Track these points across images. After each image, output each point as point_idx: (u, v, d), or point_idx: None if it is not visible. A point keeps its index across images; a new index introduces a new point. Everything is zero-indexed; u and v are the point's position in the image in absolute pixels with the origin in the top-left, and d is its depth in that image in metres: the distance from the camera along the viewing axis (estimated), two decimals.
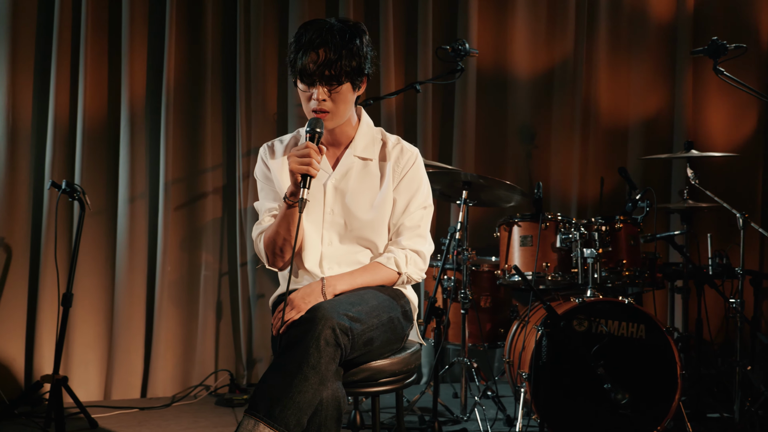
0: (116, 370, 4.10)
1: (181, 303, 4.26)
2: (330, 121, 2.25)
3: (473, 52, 3.80)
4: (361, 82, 2.28)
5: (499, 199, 3.81)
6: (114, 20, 4.14)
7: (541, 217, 3.57)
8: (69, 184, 3.47)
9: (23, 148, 4.00)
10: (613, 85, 4.82)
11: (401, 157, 2.37)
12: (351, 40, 2.20)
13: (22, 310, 4.00)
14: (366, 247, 2.35)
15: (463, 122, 4.56)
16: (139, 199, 4.15)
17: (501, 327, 3.89)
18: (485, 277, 3.87)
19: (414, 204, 2.35)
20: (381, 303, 2.17)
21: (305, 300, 2.16)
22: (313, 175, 2.14)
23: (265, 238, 2.31)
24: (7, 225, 3.95)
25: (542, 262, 3.57)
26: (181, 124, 4.23)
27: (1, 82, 3.93)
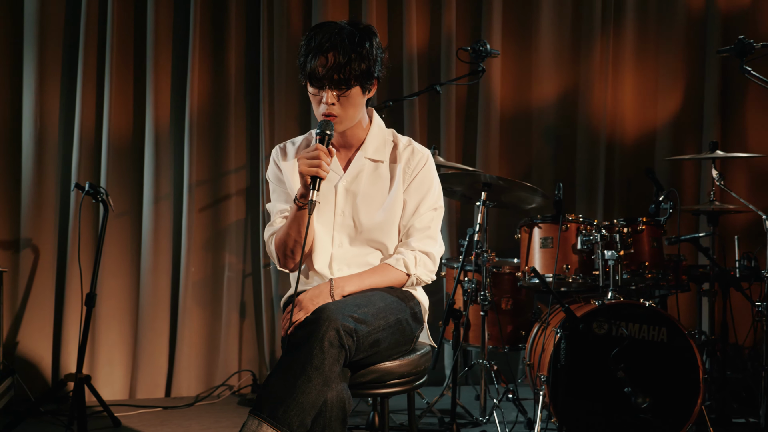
0: (141, 370, 4.16)
1: (205, 303, 4.31)
2: (339, 125, 2.26)
3: (494, 53, 3.79)
4: (371, 85, 2.28)
5: (520, 200, 3.78)
6: (139, 23, 4.20)
7: (562, 218, 3.53)
8: (92, 186, 3.52)
9: (51, 151, 4.08)
10: (639, 84, 4.75)
11: (412, 159, 2.37)
12: (361, 44, 2.21)
13: (50, 309, 4.07)
14: (376, 249, 2.35)
15: (487, 123, 4.54)
16: (164, 200, 4.20)
17: (522, 329, 3.86)
18: (506, 279, 3.84)
19: (424, 205, 2.35)
20: (388, 305, 2.17)
21: (313, 301, 2.17)
22: (323, 177, 2.15)
23: (276, 240, 2.32)
24: (35, 226, 4.03)
25: (562, 264, 3.54)
26: (204, 126, 4.27)
27: (30, 89, 4.01)
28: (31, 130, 4.02)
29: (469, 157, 4.61)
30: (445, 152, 4.48)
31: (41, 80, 4.04)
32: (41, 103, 4.04)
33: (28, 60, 4.01)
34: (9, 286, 4.01)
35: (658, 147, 4.74)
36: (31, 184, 4.02)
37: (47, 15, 4.05)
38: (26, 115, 4.02)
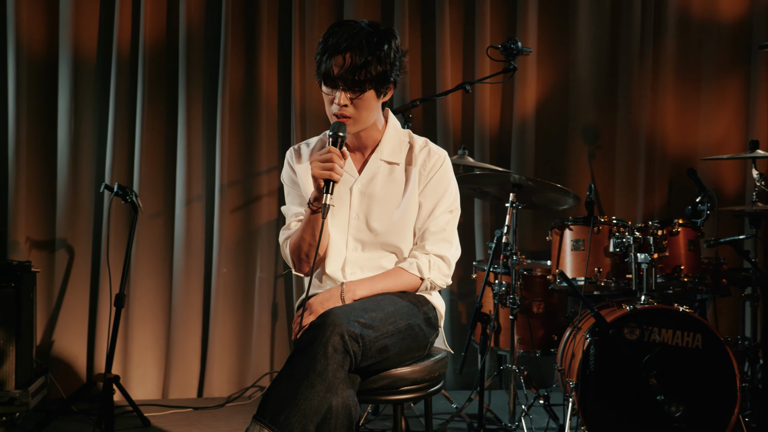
0: (173, 370, 4.19)
1: (237, 304, 4.32)
2: (352, 127, 2.22)
3: (526, 50, 3.70)
4: (386, 88, 2.24)
5: (551, 201, 3.69)
6: (172, 25, 4.23)
7: (593, 220, 3.43)
8: (121, 187, 3.55)
9: (85, 152, 4.13)
10: (681, 81, 4.60)
11: (428, 161, 2.32)
12: (379, 46, 2.16)
13: (84, 309, 4.13)
14: (391, 252, 2.30)
15: (523, 123, 4.45)
16: (196, 201, 4.23)
17: (554, 333, 3.76)
18: (538, 282, 3.76)
19: (440, 208, 2.30)
20: (399, 309, 2.12)
21: (323, 305, 2.14)
22: (336, 180, 2.12)
23: (291, 244, 2.30)
24: (69, 227, 4.09)
25: (594, 267, 3.44)
26: (236, 127, 4.28)
27: (65, 88, 4.07)
28: (66, 131, 4.08)
29: (503, 157, 4.53)
30: (479, 152, 4.40)
31: (76, 83, 4.10)
32: (76, 104, 4.10)
33: (64, 62, 4.07)
34: (44, 286, 4.07)
35: (701, 146, 4.58)
36: (66, 185, 4.08)
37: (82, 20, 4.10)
38: (62, 117, 4.08)
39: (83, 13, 4.12)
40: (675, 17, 4.58)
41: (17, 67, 4.00)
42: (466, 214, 4.48)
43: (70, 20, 4.06)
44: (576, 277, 3.47)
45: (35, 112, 4.10)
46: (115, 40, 4.10)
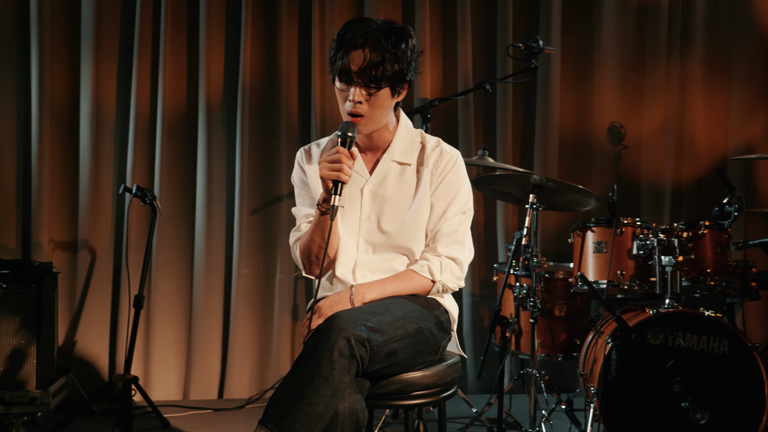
0: (194, 371, 4.19)
1: (257, 306, 4.30)
2: (364, 126, 2.18)
3: (548, 48, 3.65)
4: (401, 88, 2.20)
5: (573, 203, 3.62)
6: (192, 23, 4.24)
7: (616, 222, 3.35)
8: (140, 188, 3.56)
9: (107, 153, 4.15)
10: (710, 77, 4.49)
11: (440, 161, 2.27)
12: (396, 44, 2.13)
13: (106, 309, 4.15)
14: (402, 254, 2.26)
15: (546, 122, 4.38)
16: (216, 202, 4.22)
17: (577, 337, 3.69)
18: (560, 285, 3.69)
19: (452, 209, 2.25)
20: (408, 313, 2.07)
21: (332, 308, 2.10)
22: (344, 181, 2.08)
23: (301, 246, 2.27)
24: (91, 227, 4.11)
25: (617, 270, 3.36)
26: (256, 127, 4.27)
27: (86, 91, 4.10)
28: (88, 132, 4.10)
29: (527, 158, 4.46)
30: (501, 153, 4.34)
31: (98, 86, 4.12)
32: (98, 105, 4.12)
33: (86, 66, 4.09)
34: (66, 287, 4.10)
35: (732, 146, 4.47)
36: (88, 187, 4.10)
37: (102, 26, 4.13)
38: (83, 118, 4.11)
39: (105, 16, 4.14)
40: (704, 13, 4.48)
41: (39, 68, 4.02)
42: (488, 215, 4.42)
43: (93, 17, 4.07)
44: (598, 280, 3.39)
45: (58, 114, 4.12)
46: (135, 43, 4.11)
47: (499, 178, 3.54)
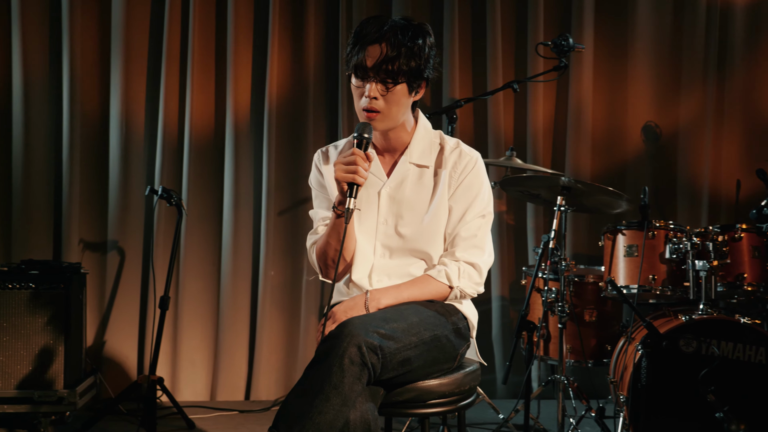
0: (221, 372, 4.19)
1: (284, 307, 4.29)
2: (380, 123, 2.13)
3: (578, 47, 3.56)
4: (418, 86, 2.15)
5: (604, 205, 3.53)
6: (220, 32, 4.24)
7: (647, 224, 3.25)
8: (165, 190, 3.56)
9: (136, 155, 4.17)
10: (752, 74, 4.34)
11: (458, 163, 2.21)
12: (412, 39, 2.08)
13: (135, 310, 4.17)
14: (420, 259, 2.21)
15: (578, 122, 4.27)
16: (243, 204, 4.22)
17: (608, 343, 3.59)
18: (590, 289, 3.59)
19: (471, 212, 2.19)
20: (423, 320, 2.02)
21: (347, 313, 2.06)
22: (359, 183, 2.04)
23: (317, 249, 2.24)
24: (120, 229, 4.14)
25: (648, 275, 3.26)
26: (283, 130, 4.26)
27: (116, 94, 4.12)
28: (117, 134, 4.13)
29: (558, 158, 4.37)
30: (531, 154, 4.25)
31: (127, 87, 4.14)
32: (127, 107, 4.15)
33: (116, 67, 4.12)
34: (96, 287, 4.13)
35: None
36: (118, 188, 4.13)
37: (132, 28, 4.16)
38: (113, 120, 4.14)
39: (135, 19, 4.16)
40: (744, 8, 4.33)
41: (71, 69, 4.06)
42: (518, 217, 4.34)
43: (122, 31, 4.10)
44: (629, 284, 3.30)
45: (88, 116, 4.16)
46: (164, 46, 4.12)
47: (527, 180, 3.47)
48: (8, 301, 3.48)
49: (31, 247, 4.08)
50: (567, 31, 4.18)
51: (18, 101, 4.08)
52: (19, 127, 4.08)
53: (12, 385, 3.45)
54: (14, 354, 3.47)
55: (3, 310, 3.47)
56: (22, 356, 3.48)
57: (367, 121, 2.12)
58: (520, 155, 4.11)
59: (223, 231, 4.21)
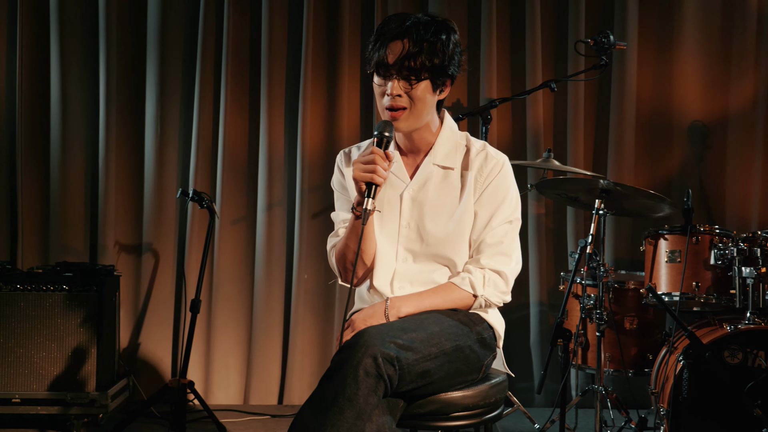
0: (254, 376, 4.16)
1: (318, 311, 4.24)
2: (404, 122, 2.06)
3: (620, 44, 3.44)
4: (443, 84, 2.07)
5: (646, 208, 3.39)
6: (254, 35, 4.21)
7: (691, 229, 3.11)
8: (197, 192, 3.54)
9: (171, 157, 4.18)
10: None
11: (485, 166, 2.12)
12: (436, 35, 2.01)
13: (169, 312, 4.17)
14: (444, 265, 2.13)
15: (620, 123, 4.11)
16: (277, 206, 4.18)
17: (649, 352, 3.45)
18: (630, 296, 3.45)
19: (498, 218, 2.10)
20: (445, 329, 1.94)
21: (366, 321, 1.99)
22: (378, 183, 1.97)
23: (336, 252, 2.17)
24: (155, 231, 4.14)
25: (692, 282, 3.12)
26: (317, 131, 4.20)
27: (152, 95, 4.13)
28: (152, 136, 4.14)
29: (599, 160, 4.22)
30: (572, 156, 4.12)
31: (162, 91, 4.15)
32: (162, 110, 4.15)
33: (151, 71, 4.13)
34: (130, 289, 4.14)
35: None
36: (152, 190, 4.13)
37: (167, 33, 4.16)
38: (149, 122, 4.14)
39: (170, 22, 4.16)
40: None
41: (107, 74, 4.08)
42: (557, 221, 4.21)
43: (157, 36, 4.11)
44: (671, 291, 3.16)
45: (124, 118, 4.18)
46: (199, 49, 4.11)
47: (564, 183, 3.35)
48: (42, 302, 3.50)
49: (67, 249, 4.12)
50: (609, 27, 4.04)
51: (56, 104, 4.12)
52: (56, 130, 4.12)
53: (45, 386, 3.47)
54: (48, 355, 3.49)
55: (37, 311, 3.50)
56: (55, 357, 3.49)
57: (391, 120, 2.05)
58: (559, 157, 3.98)
59: (257, 234, 4.17)
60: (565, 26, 4.17)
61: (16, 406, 3.44)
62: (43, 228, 4.17)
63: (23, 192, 4.14)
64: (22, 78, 4.12)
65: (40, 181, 4.17)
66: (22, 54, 4.11)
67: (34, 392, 3.45)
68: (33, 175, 4.17)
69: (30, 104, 4.15)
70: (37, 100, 4.17)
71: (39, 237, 4.18)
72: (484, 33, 4.12)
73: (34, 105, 4.16)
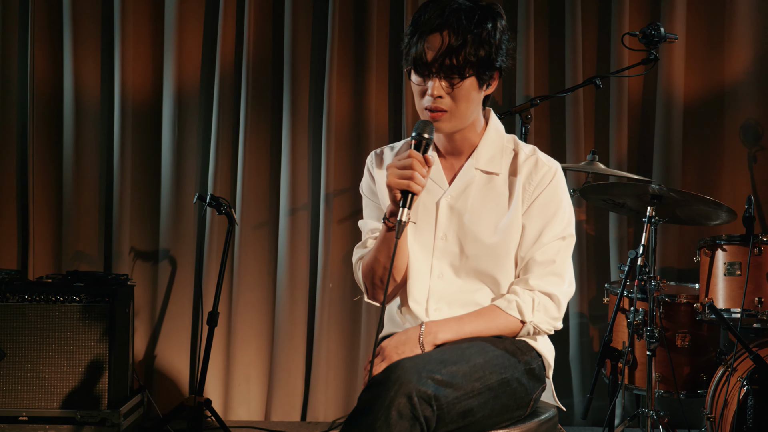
0: (276, 390, 3.93)
1: (344, 322, 4.00)
2: (446, 123, 1.82)
3: (671, 37, 3.15)
4: (490, 78, 1.82)
5: (700, 216, 3.11)
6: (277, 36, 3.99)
7: (753, 239, 2.83)
8: (214, 197, 3.33)
9: (189, 160, 3.97)
10: None
11: (534, 173, 1.87)
12: (480, 24, 1.76)
13: (187, 322, 3.96)
14: (486, 285, 1.88)
15: (667, 122, 3.83)
16: (301, 211, 3.95)
17: (703, 372, 3.17)
18: (683, 311, 3.17)
19: (549, 233, 1.85)
20: (490, 360, 1.69)
21: (398, 350, 1.76)
22: (416, 191, 1.72)
23: (364, 266, 1.94)
24: (172, 238, 3.94)
25: (754, 297, 2.84)
26: (343, 132, 3.97)
27: (168, 96, 3.93)
28: (170, 139, 3.94)
29: (645, 163, 3.93)
30: (614, 158, 3.84)
31: (180, 91, 3.94)
32: (180, 112, 3.95)
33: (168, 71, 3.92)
34: (147, 298, 3.95)
35: None
36: (170, 195, 3.93)
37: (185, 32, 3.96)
38: (165, 124, 3.94)
39: (187, 28, 3.96)
40: None
41: (122, 72, 3.89)
42: (599, 227, 3.93)
43: (175, 34, 3.91)
44: (730, 307, 2.88)
45: (140, 119, 3.98)
46: (218, 51, 3.91)
47: (611, 187, 3.08)
48: (53, 314, 3.33)
49: (81, 256, 3.93)
50: (656, 19, 3.76)
51: (69, 105, 3.93)
52: (69, 131, 3.93)
53: (55, 403, 3.30)
54: (57, 370, 3.32)
55: (48, 323, 3.33)
56: (64, 373, 3.32)
57: (431, 120, 1.81)
58: (603, 159, 3.70)
59: (279, 240, 3.95)
60: (608, 18, 3.89)
61: (23, 424, 3.27)
62: (55, 234, 3.98)
63: (35, 196, 3.95)
64: (33, 79, 3.93)
65: (53, 184, 3.98)
66: (33, 55, 3.92)
67: (43, 410, 3.28)
68: (46, 179, 3.98)
69: (42, 106, 3.97)
70: (49, 102, 3.98)
71: (51, 243, 3.99)
72: (521, 25, 3.86)
73: (46, 106, 3.97)
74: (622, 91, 3.87)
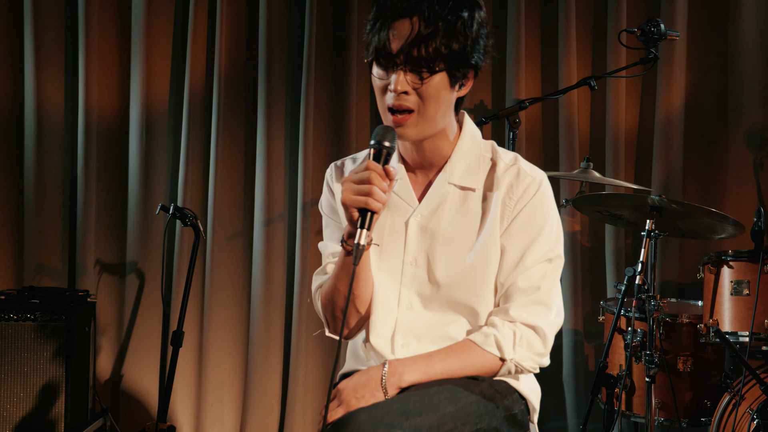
0: (251, 412, 3.71)
1: (323, 339, 3.76)
2: (412, 128, 1.57)
3: (672, 34, 2.92)
4: (464, 76, 1.58)
5: (704, 229, 2.87)
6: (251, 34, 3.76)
7: (763, 255, 2.59)
8: (178, 208, 3.11)
9: (158, 169, 3.76)
10: None
11: (516, 185, 1.63)
12: (455, 11, 1.52)
13: (156, 340, 3.74)
14: (461, 315, 1.63)
15: (667, 126, 3.60)
16: (277, 221, 3.73)
17: (707, 398, 2.92)
18: (685, 332, 2.93)
19: (532, 255, 1.61)
20: (463, 408, 1.45)
21: (357, 393, 1.52)
22: (375, 209, 1.48)
23: (323, 295, 1.71)
24: (140, 250, 3.72)
25: (763, 319, 2.60)
26: (322, 137, 3.74)
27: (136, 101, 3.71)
28: (137, 145, 3.72)
29: (643, 170, 3.70)
30: (611, 166, 3.60)
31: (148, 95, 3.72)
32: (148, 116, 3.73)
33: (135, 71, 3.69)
34: (113, 315, 3.74)
35: None
36: (138, 205, 3.71)
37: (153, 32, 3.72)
38: (133, 130, 3.73)
39: (156, 36, 3.75)
40: None
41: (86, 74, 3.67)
42: (594, 239, 3.69)
43: (142, 42, 3.71)
44: (737, 330, 2.64)
45: (106, 128, 3.77)
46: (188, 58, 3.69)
47: (607, 198, 2.85)
48: (6, 333, 3.13)
49: (43, 269, 3.70)
50: (656, 15, 3.53)
51: (30, 109, 3.70)
52: (31, 138, 3.71)
53: (8, 430, 3.06)
54: (11, 394, 3.10)
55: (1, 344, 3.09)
56: (20, 398, 3.11)
57: (394, 125, 1.56)
58: (598, 167, 3.47)
59: (254, 252, 3.72)
60: (604, 14, 3.66)
61: None
62: (17, 246, 3.76)
63: None
64: None
65: (13, 193, 3.75)
66: None
67: None
68: (5, 187, 3.76)
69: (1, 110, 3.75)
70: (9, 114, 3.76)
71: (12, 256, 3.77)
72: (510, 21, 3.63)
73: (5, 118, 3.75)
74: (618, 92, 3.62)
